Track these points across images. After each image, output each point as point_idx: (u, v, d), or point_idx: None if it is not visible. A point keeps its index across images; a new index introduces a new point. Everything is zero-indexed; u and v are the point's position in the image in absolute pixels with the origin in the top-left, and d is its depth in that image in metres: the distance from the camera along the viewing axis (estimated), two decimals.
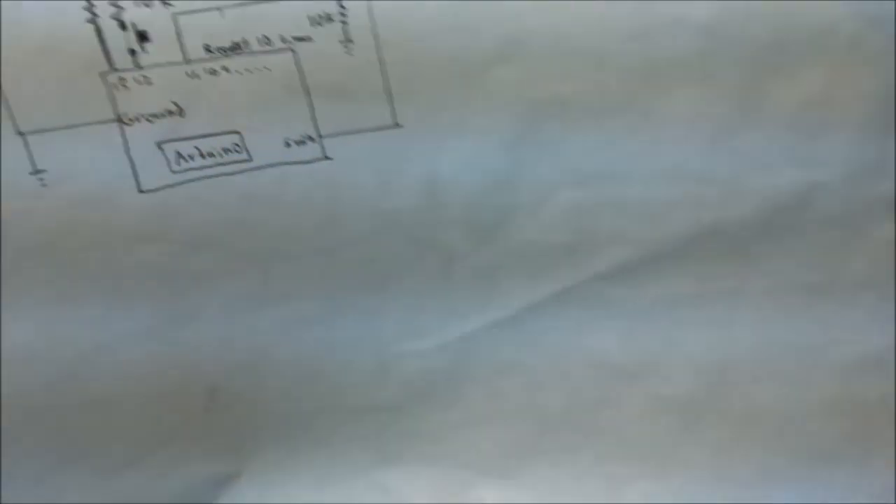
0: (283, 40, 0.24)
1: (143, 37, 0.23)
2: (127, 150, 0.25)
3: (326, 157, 0.26)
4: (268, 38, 0.24)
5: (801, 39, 0.24)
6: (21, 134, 0.24)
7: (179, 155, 0.25)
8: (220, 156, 0.25)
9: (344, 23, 0.24)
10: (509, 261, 0.27)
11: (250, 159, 0.25)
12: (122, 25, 0.23)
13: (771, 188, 0.26)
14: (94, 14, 0.23)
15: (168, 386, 0.28)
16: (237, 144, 0.25)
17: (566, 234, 0.27)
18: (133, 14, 0.23)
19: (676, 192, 0.26)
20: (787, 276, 0.27)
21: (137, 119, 0.24)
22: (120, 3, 0.23)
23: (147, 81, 0.24)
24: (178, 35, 0.23)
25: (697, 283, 0.28)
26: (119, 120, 0.24)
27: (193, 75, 0.24)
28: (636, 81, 0.25)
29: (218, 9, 0.23)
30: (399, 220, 0.27)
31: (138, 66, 0.23)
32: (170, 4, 0.23)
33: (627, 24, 0.24)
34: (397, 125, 0.25)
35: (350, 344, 0.28)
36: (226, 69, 0.24)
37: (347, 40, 0.24)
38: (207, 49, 0.24)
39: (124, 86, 0.24)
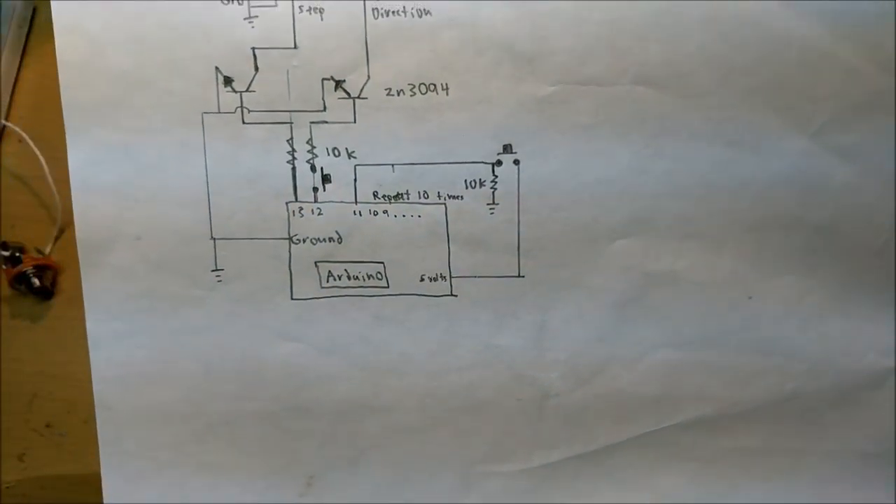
0: (440, 196, 0.29)
1: (326, 179, 0.29)
2: (289, 265, 0.30)
3: (453, 294, 0.30)
4: (426, 193, 0.29)
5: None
6: (213, 239, 0.29)
7: (330, 274, 0.30)
8: (364, 280, 0.30)
9: (493, 189, 0.29)
10: (599, 404, 0.30)
11: (388, 286, 0.30)
12: (313, 168, 0.29)
13: (852, 370, 0.29)
14: (294, 158, 0.29)
15: (274, 465, 0.31)
16: (379, 273, 0.30)
17: (656, 387, 0.30)
18: (323, 160, 0.29)
19: (766, 364, 0.30)
20: (851, 443, 0.30)
21: (304, 240, 0.29)
22: (316, 151, 0.28)
23: (319, 212, 0.29)
24: (355, 181, 0.29)
25: (765, 439, 0.30)
26: (290, 239, 0.29)
27: (357, 213, 0.29)
28: (746, 266, 0.29)
29: (391, 165, 0.29)
30: (505, 356, 0.30)
31: (316, 201, 0.29)
32: (354, 157, 0.28)
33: (747, 216, 0.28)
34: (520, 275, 0.30)
35: (440, 457, 0.31)
36: (385, 212, 0.29)
37: (493, 203, 0.29)
38: (375, 195, 0.29)
39: (301, 214, 0.29)
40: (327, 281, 0.30)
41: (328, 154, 0.29)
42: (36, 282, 0.32)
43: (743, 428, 0.30)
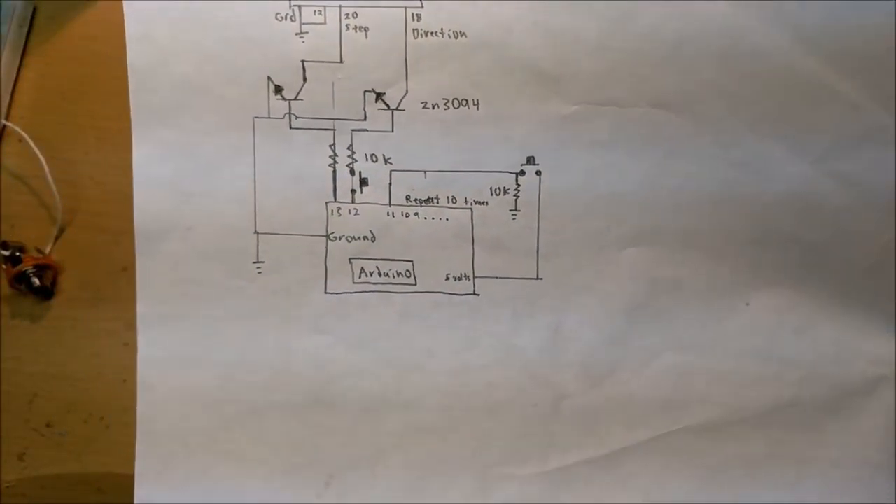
0: (466, 201, 0.32)
1: (364, 182, 0.32)
2: (325, 260, 0.33)
3: (475, 294, 0.33)
4: (454, 198, 0.32)
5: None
6: (256, 233, 0.33)
7: (363, 270, 0.33)
8: (393, 277, 0.33)
9: (517, 196, 0.32)
10: (611, 407, 0.33)
11: (415, 284, 0.33)
12: (352, 172, 0.32)
13: (844, 377, 0.33)
14: (335, 162, 0.32)
15: (295, 462, 0.33)
16: (408, 270, 0.33)
17: (664, 390, 0.33)
18: (362, 165, 0.32)
19: (764, 370, 0.33)
20: (853, 451, 0.33)
21: (339, 238, 0.33)
22: (355, 156, 0.32)
23: (356, 212, 0.33)
24: (390, 185, 0.32)
25: (771, 447, 0.33)
26: (327, 236, 0.33)
27: (391, 214, 0.33)
28: (744, 276, 0.32)
29: (423, 171, 0.32)
30: (523, 355, 0.33)
31: (353, 202, 0.33)
32: (390, 163, 0.32)
33: (748, 231, 0.32)
34: (539, 278, 0.33)
35: (459, 459, 0.33)
36: (416, 214, 0.33)
37: (516, 209, 0.32)
38: (408, 198, 0.32)
39: (339, 213, 0.33)
40: (359, 277, 0.33)
41: (367, 159, 0.32)
42: (36, 281, 0.33)
43: (748, 434, 0.33)
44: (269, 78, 0.32)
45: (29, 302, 0.34)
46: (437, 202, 0.32)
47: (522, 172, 0.32)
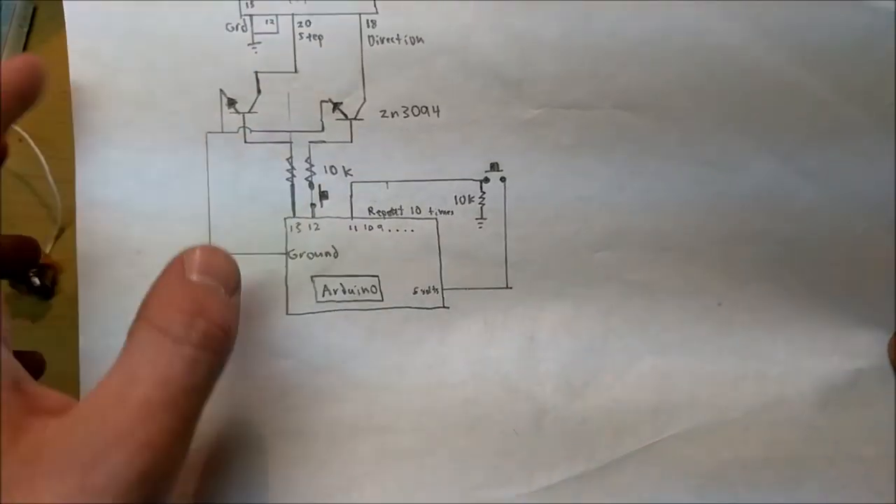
0: (431, 211, 0.33)
1: (323, 195, 0.33)
2: (286, 279, 0.33)
3: (445, 306, 0.34)
4: (419, 208, 0.33)
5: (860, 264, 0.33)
6: None
7: (326, 288, 0.33)
8: (359, 294, 0.33)
9: (482, 204, 0.33)
10: (597, 417, 0.33)
11: (382, 300, 0.33)
12: (311, 185, 0.32)
13: (822, 370, 0.33)
14: (293, 175, 0.32)
15: (265, 499, 0.32)
16: (374, 286, 0.33)
17: (649, 396, 0.33)
18: (321, 178, 0.32)
19: (745, 368, 0.33)
20: (846, 448, 0.33)
21: (300, 255, 0.33)
22: (314, 169, 0.32)
23: (316, 228, 0.33)
24: (350, 197, 0.33)
25: (765, 449, 0.33)
26: (286, 254, 0.33)
27: (353, 228, 0.33)
28: (716, 275, 0.33)
29: (385, 182, 0.32)
30: (499, 368, 0.33)
31: (313, 216, 0.33)
32: (350, 175, 0.32)
33: (718, 230, 0.33)
34: (509, 287, 0.33)
35: (437, 483, 0.33)
36: (380, 227, 0.33)
37: (482, 217, 0.33)
38: (370, 210, 0.33)
39: (298, 229, 0.33)
40: (323, 295, 0.33)
41: (326, 172, 0.32)
42: (36, 281, 0.34)
43: (741, 437, 0.33)
44: (221, 91, 0.32)
45: (29, 302, 0.35)
46: (401, 213, 0.33)
47: (487, 179, 0.33)
